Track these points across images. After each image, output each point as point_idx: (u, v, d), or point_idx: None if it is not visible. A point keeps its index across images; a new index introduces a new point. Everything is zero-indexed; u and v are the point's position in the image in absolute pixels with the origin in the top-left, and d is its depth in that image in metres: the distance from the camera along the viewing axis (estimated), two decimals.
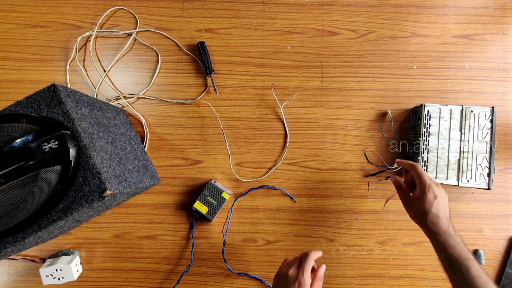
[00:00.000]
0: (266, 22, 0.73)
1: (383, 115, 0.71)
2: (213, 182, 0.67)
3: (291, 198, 0.69)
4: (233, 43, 0.72)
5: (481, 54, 0.73)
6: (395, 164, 0.66)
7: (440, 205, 0.52)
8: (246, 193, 0.69)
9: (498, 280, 0.68)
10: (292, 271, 0.50)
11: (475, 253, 0.68)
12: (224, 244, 0.67)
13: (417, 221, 0.55)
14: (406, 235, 0.69)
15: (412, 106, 0.70)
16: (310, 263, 0.51)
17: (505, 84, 0.72)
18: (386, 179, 0.69)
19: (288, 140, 0.70)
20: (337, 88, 0.72)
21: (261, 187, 0.69)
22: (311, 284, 0.49)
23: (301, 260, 0.51)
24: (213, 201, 0.66)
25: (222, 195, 0.66)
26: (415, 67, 0.72)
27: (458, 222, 0.69)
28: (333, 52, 0.72)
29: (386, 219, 0.69)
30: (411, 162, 0.58)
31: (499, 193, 0.69)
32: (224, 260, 0.67)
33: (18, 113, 0.44)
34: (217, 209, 0.66)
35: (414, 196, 0.55)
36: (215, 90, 0.70)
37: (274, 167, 0.70)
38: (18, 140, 0.41)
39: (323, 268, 0.52)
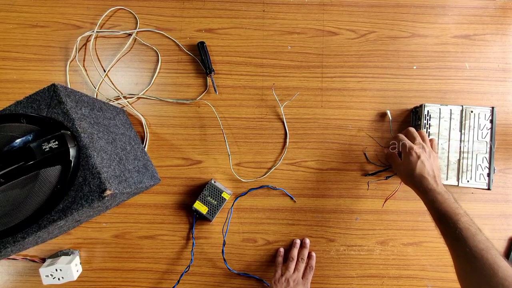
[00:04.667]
0: (266, 22, 0.73)
1: (381, 116, 0.71)
2: (213, 182, 0.67)
3: (291, 198, 0.69)
4: (233, 43, 0.72)
5: (481, 54, 0.73)
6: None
7: (424, 165, 0.55)
8: (246, 193, 0.69)
9: None
10: (297, 277, 0.62)
11: None
12: (224, 244, 0.67)
13: (407, 182, 0.58)
14: (406, 235, 0.69)
15: (412, 106, 0.70)
16: (312, 274, 0.64)
17: (505, 84, 0.72)
18: (386, 179, 0.69)
19: (288, 140, 0.70)
20: (337, 88, 0.72)
21: (261, 187, 0.69)
22: (303, 276, 0.63)
23: (305, 271, 0.64)
24: (213, 201, 0.66)
25: (222, 195, 0.66)
26: (415, 67, 0.72)
27: None
28: (333, 52, 0.72)
29: (386, 219, 0.69)
30: (393, 136, 0.63)
31: (499, 193, 0.69)
32: (224, 260, 0.67)
33: (18, 113, 0.44)
34: (217, 209, 0.66)
35: (401, 161, 0.59)
36: (215, 90, 0.70)
37: (274, 167, 0.70)
38: (18, 140, 0.41)
39: (313, 258, 0.66)
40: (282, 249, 0.67)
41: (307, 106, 0.71)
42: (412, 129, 0.61)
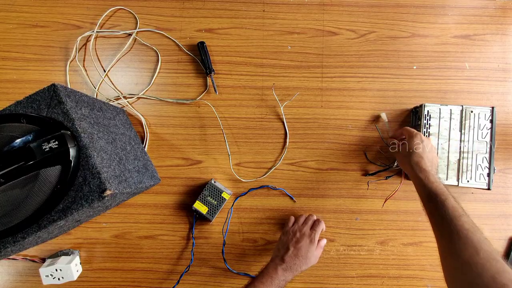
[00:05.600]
0: (266, 22, 0.73)
1: (379, 117, 0.71)
2: (213, 182, 0.67)
3: (291, 198, 0.69)
4: (233, 43, 0.72)
5: (481, 54, 0.73)
6: (396, 163, 0.66)
7: (426, 150, 0.57)
8: (246, 193, 0.69)
9: None
10: (306, 229, 0.60)
11: None
12: (224, 244, 0.67)
13: (404, 162, 0.59)
14: (406, 235, 0.69)
15: (412, 106, 0.70)
16: (321, 227, 0.62)
17: (505, 84, 0.72)
18: (385, 179, 0.69)
19: (288, 140, 0.70)
20: (337, 88, 0.72)
21: (261, 187, 0.69)
22: (316, 249, 0.59)
23: (314, 224, 0.62)
24: (213, 201, 0.66)
25: (222, 195, 0.66)
26: (415, 67, 0.72)
27: None
28: (333, 52, 0.72)
29: (386, 219, 0.69)
30: (399, 129, 0.64)
31: (499, 193, 0.69)
32: (224, 260, 0.67)
33: (18, 113, 0.44)
34: (217, 209, 0.66)
35: (404, 144, 0.60)
36: (215, 90, 0.70)
37: (274, 167, 0.70)
38: (18, 140, 0.41)
39: (325, 240, 0.63)
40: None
41: (307, 106, 0.71)
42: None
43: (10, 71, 0.70)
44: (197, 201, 0.66)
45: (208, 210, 0.66)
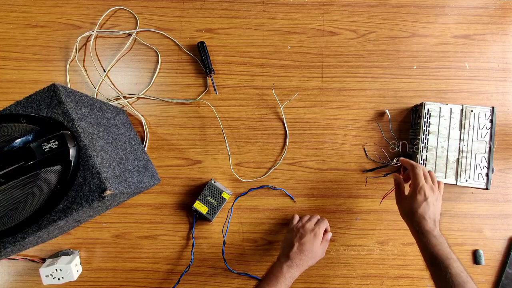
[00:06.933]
0: (266, 22, 0.73)
1: (380, 115, 0.71)
2: (213, 182, 0.67)
3: (291, 198, 0.69)
4: (233, 43, 0.72)
5: (481, 54, 0.73)
6: (395, 160, 0.66)
7: (429, 207, 0.54)
8: (246, 193, 0.69)
9: (498, 280, 0.68)
10: (309, 224, 0.60)
11: (475, 253, 0.68)
12: (224, 244, 0.67)
13: (405, 219, 0.57)
14: (406, 235, 0.69)
15: (412, 106, 0.70)
16: (325, 224, 0.61)
17: (505, 84, 0.72)
18: (384, 176, 0.69)
19: (288, 140, 0.70)
20: (337, 88, 0.72)
21: (261, 187, 0.69)
22: (321, 243, 0.59)
23: (318, 221, 0.62)
24: (213, 201, 0.66)
25: (222, 195, 0.66)
26: (415, 67, 0.72)
27: (458, 222, 0.69)
28: (333, 52, 0.72)
29: (386, 219, 0.69)
30: (412, 162, 0.59)
31: (499, 193, 0.69)
32: (224, 260, 0.67)
33: (18, 113, 0.44)
34: (217, 209, 0.66)
35: (407, 195, 0.57)
36: (215, 90, 0.70)
37: (274, 167, 0.70)
38: (18, 140, 0.41)
39: (330, 234, 0.62)
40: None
41: (307, 106, 0.71)
42: (424, 168, 0.59)
43: (10, 71, 0.70)
44: (197, 201, 0.66)
45: (208, 210, 0.66)
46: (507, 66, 0.72)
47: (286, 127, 0.70)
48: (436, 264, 0.49)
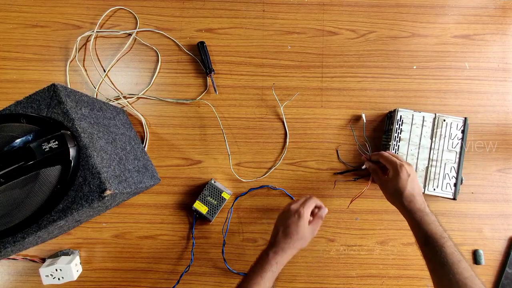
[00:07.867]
0: (266, 22, 0.73)
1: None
2: (213, 182, 0.67)
3: (291, 198, 0.69)
4: (233, 43, 0.72)
5: (481, 54, 0.73)
6: (364, 166, 0.64)
7: (415, 184, 0.53)
8: (246, 193, 0.69)
9: (498, 280, 0.68)
10: (294, 205, 0.55)
11: (475, 253, 0.68)
12: (224, 244, 0.67)
13: (393, 200, 0.55)
14: (406, 235, 0.69)
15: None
16: (312, 202, 0.56)
17: (505, 84, 0.72)
18: (354, 180, 0.69)
19: (288, 140, 0.70)
20: (337, 88, 0.72)
21: (261, 187, 0.69)
22: (311, 222, 0.54)
23: (305, 200, 0.56)
24: (213, 201, 0.66)
25: (222, 195, 0.66)
26: (415, 67, 0.72)
27: (458, 222, 0.69)
28: (333, 52, 0.72)
29: (386, 219, 0.69)
30: (375, 153, 0.59)
31: (499, 193, 0.69)
32: (224, 260, 0.67)
33: (18, 113, 0.44)
34: (217, 209, 0.66)
35: (389, 177, 0.55)
36: (215, 90, 0.70)
37: (274, 167, 0.70)
38: (18, 140, 0.41)
39: (325, 210, 0.57)
40: None
41: (307, 106, 0.71)
42: (388, 151, 0.59)
43: (10, 71, 0.70)
44: (197, 201, 0.66)
45: (208, 210, 0.66)
46: (507, 66, 0.72)
47: (286, 127, 0.70)
48: (430, 243, 0.48)
